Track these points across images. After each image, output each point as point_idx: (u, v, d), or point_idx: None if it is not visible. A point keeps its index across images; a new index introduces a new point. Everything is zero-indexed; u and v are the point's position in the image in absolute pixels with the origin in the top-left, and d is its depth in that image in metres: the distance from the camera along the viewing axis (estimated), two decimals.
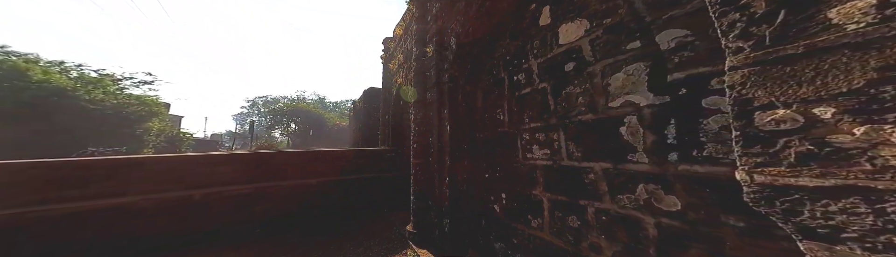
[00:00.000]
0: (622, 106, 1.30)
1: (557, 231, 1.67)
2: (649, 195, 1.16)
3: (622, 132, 1.29)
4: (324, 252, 3.22)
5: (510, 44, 2.27)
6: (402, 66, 5.46)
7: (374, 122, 10.37)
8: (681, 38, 1.00)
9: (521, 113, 2.11)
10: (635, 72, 1.23)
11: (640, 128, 1.21)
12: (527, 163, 1.99)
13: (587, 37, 1.52)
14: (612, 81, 1.35)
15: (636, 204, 1.22)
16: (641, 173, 1.20)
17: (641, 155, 1.19)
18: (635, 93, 1.23)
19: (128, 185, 3.27)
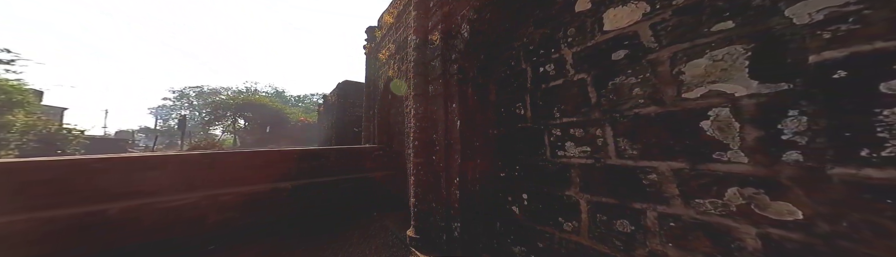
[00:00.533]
0: (704, 97, 1.09)
1: (600, 235, 1.47)
2: (747, 200, 0.97)
3: (704, 127, 1.08)
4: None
5: (534, 32, 2.00)
6: (393, 57, 4.94)
7: (351, 118, 9.61)
8: (836, 7, 0.80)
9: (548, 107, 1.87)
10: (727, 57, 1.02)
11: (735, 123, 1.00)
12: (557, 162, 1.76)
13: (646, 21, 1.29)
14: (688, 69, 1.14)
15: (725, 211, 1.02)
16: (735, 175, 0.99)
17: (736, 153, 0.99)
18: (727, 82, 1.02)
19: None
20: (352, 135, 9.56)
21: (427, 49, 3.20)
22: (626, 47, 1.36)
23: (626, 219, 1.32)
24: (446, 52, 2.75)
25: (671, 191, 1.16)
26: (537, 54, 1.95)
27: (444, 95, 2.73)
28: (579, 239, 1.55)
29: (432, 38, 2.98)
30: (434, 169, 2.82)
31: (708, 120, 1.06)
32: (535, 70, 1.94)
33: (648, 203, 1.24)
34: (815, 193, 0.81)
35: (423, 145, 3.00)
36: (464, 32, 2.41)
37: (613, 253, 1.36)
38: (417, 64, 3.20)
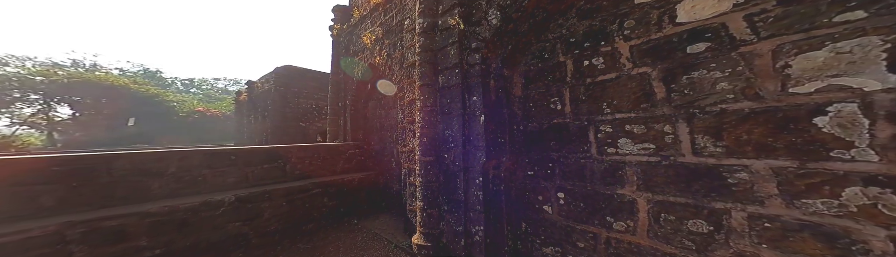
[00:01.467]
0: (820, 91, 0.96)
1: (665, 235, 1.31)
2: (872, 200, 0.87)
3: (820, 123, 0.96)
4: None
5: (578, 23, 1.76)
6: (380, 42, 4.24)
7: (296, 111, 8.14)
8: None
9: (594, 102, 1.65)
10: (857, 49, 0.91)
11: (864, 119, 0.89)
12: (606, 159, 1.57)
13: (739, 12, 1.13)
14: (798, 63, 1.01)
15: (843, 212, 0.92)
16: (859, 174, 0.88)
17: (863, 151, 0.87)
18: (855, 76, 0.91)
19: None
20: (296, 131, 8.06)
21: (437, 35, 2.73)
22: (707, 40, 1.20)
23: (701, 219, 1.19)
24: (465, 40, 2.36)
25: (767, 191, 1.04)
26: (580, 47, 1.73)
27: (461, 87, 2.35)
28: (635, 239, 1.39)
29: (448, 23, 2.55)
30: (448, 168, 2.44)
31: (826, 116, 0.94)
32: (578, 63, 1.72)
33: (734, 203, 1.11)
34: None
35: (433, 142, 2.57)
36: (492, 19, 2.07)
37: (682, 254, 1.23)
38: (425, 51, 2.71)
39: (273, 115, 7.69)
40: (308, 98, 8.45)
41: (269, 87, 8.09)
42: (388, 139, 4.64)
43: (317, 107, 8.64)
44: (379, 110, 5.09)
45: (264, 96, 8.39)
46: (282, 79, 7.84)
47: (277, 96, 7.74)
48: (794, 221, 0.97)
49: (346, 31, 5.30)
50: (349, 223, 3.60)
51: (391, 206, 4.22)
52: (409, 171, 3.09)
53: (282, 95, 7.79)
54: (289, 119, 7.91)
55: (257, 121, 8.69)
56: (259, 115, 8.64)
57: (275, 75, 7.90)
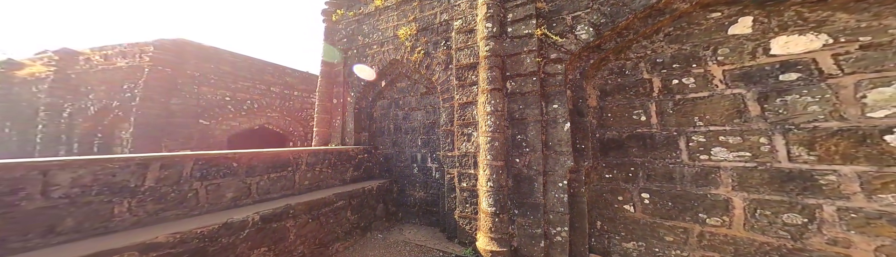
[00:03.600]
0: (888, 117, 1.33)
1: (761, 227, 1.62)
2: None
3: (888, 139, 1.34)
4: None
5: (666, 46, 2.05)
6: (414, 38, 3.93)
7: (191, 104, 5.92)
8: None
9: (684, 115, 1.93)
10: None
11: None
12: (697, 165, 1.84)
13: (827, 51, 1.51)
14: (872, 94, 1.39)
15: None
16: None
17: None
18: None
19: None
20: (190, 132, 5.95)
21: (505, 41, 2.86)
22: (798, 71, 1.57)
23: (795, 213, 1.53)
24: (544, 50, 2.54)
25: (852, 189, 1.40)
26: (668, 67, 2.02)
27: (538, 94, 2.49)
28: (730, 232, 1.70)
29: (521, 31, 2.66)
30: (521, 172, 2.51)
31: (893, 134, 1.34)
32: (666, 81, 2.01)
33: (825, 199, 1.47)
34: None
35: (503, 146, 2.63)
36: (581, 34, 2.27)
37: (778, 242, 1.56)
38: (493, 55, 2.77)
39: (143, 107, 5.44)
40: (217, 86, 6.52)
41: (128, 64, 5.72)
42: (409, 143, 4.43)
43: (232, 99, 6.80)
44: (393, 110, 4.72)
45: (107, 77, 5.76)
46: (166, 57, 5.67)
47: (156, 79, 5.55)
48: (874, 211, 1.35)
49: (350, 18, 4.82)
50: (375, 239, 3.24)
51: (410, 216, 4.04)
52: (460, 176, 3.10)
53: (165, 79, 5.66)
54: (177, 114, 5.82)
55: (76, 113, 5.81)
56: (87, 105, 5.78)
57: (154, 49, 5.60)
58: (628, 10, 1.93)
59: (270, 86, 8.03)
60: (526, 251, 2.31)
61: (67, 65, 6.11)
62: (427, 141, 3.98)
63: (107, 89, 5.85)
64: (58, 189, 1.46)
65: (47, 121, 5.77)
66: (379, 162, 4.35)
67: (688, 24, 1.91)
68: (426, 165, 3.94)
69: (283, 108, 8.30)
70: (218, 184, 2.24)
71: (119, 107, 5.72)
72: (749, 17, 1.70)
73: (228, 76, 6.81)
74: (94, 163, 1.60)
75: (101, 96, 5.84)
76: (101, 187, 1.59)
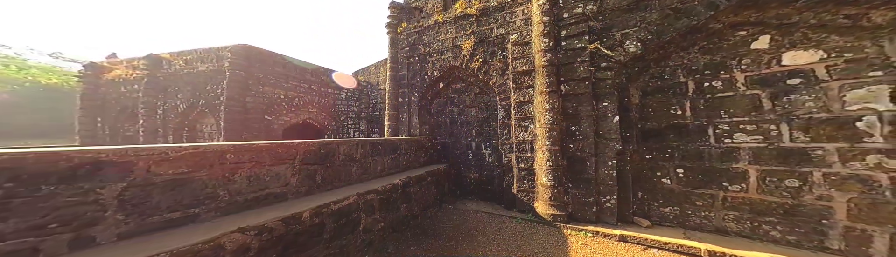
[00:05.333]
0: (860, 110, 1.99)
1: (769, 191, 2.27)
2: (879, 161, 1.89)
3: (859, 125, 1.98)
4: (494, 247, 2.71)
5: (699, 57, 2.69)
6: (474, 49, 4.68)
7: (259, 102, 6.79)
8: None
9: (712, 110, 2.58)
10: (878, 90, 1.92)
11: (878, 123, 1.91)
12: (722, 146, 2.50)
13: (822, 63, 2.14)
14: (850, 94, 2.03)
15: (867, 167, 1.93)
16: (874, 149, 1.90)
17: (877, 138, 1.89)
18: (874, 103, 1.93)
19: None
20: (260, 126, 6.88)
21: (559, 52, 3.57)
22: (801, 77, 2.20)
23: (795, 179, 2.17)
24: (595, 60, 3.22)
25: (832, 159, 2.04)
26: (700, 73, 2.67)
27: (590, 95, 3.20)
28: (746, 195, 2.35)
29: (575, 45, 3.34)
30: (574, 155, 3.22)
31: (862, 121, 1.96)
32: (699, 84, 2.66)
33: (814, 167, 2.11)
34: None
35: (560, 135, 3.39)
36: (629, 47, 2.93)
37: (781, 200, 2.21)
38: (550, 64, 3.52)
39: (228, 106, 6.37)
40: (274, 86, 7.41)
41: (210, 68, 6.68)
42: (464, 134, 5.26)
43: (285, 97, 7.71)
44: (449, 107, 5.61)
45: (192, 79, 6.79)
46: (239, 61, 6.51)
47: (235, 81, 6.42)
48: (847, 174, 1.99)
49: (411, 30, 5.73)
50: (448, 209, 4.18)
51: (467, 193, 4.88)
52: (518, 159, 3.85)
53: (241, 80, 6.53)
54: (251, 111, 6.73)
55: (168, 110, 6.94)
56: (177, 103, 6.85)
57: (230, 54, 6.46)
58: (672, 29, 2.59)
59: (311, 85, 8.96)
60: (579, 214, 3.05)
61: (155, 68, 7.26)
62: (481, 132, 4.76)
63: (192, 89, 6.96)
64: (341, 155, 2.52)
65: (146, 116, 6.95)
66: (438, 149, 5.24)
67: (719, 40, 2.55)
68: (480, 152, 4.73)
69: (321, 104, 9.25)
70: (375, 160, 3.25)
71: (204, 105, 6.82)
72: (767, 36, 2.33)
73: (281, 77, 7.86)
74: (346, 142, 2.68)
75: (187, 96, 6.96)
76: (345, 157, 2.61)
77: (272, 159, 1.92)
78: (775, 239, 2.22)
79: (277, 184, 1.95)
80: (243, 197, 1.73)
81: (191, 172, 1.49)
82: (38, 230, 1.05)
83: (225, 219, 1.54)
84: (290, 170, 2.04)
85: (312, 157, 2.23)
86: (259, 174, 1.82)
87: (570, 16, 3.36)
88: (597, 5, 3.14)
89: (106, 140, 7.77)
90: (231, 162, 1.66)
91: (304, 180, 2.14)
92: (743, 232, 2.34)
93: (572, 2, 3.37)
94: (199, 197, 1.51)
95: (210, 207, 1.56)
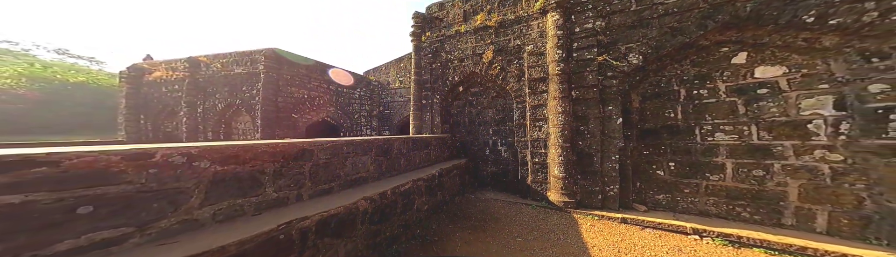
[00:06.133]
0: (811, 115, 2.54)
1: (740, 180, 2.86)
2: (822, 154, 2.46)
3: (809, 127, 2.54)
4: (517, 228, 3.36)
5: (690, 69, 3.26)
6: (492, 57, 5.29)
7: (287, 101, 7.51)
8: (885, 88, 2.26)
9: (698, 113, 3.17)
10: (824, 99, 2.48)
11: (823, 125, 2.47)
12: (706, 143, 3.09)
13: (784, 77, 2.69)
14: (804, 102, 2.58)
15: (813, 159, 2.50)
16: (820, 145, 2.47)
17: (822, 137, 2.46)
18: (821, 109, 2.49)
19: None
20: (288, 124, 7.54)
21: (571, 62, 4.15)
22: (767, 87, 2.76)
23: (760, 169, 2.75)
24: (602, 69, 3.79)
25: (788, 154, 2.61)
26: (691, 82, 3.24)
27: (598, 100, 3.79)
28: (723, 183, 2.94)
29: (585, 56, 3.91)
30: (583, 151, 3.85)
31: (811, 123, 2.52)
32: (689, 91, 3.23)
33: (774, 160, 2.68)
34: (846, 149, 2.33)
35: (571, 134, 4.00)
36: (632, 59, 3.50)
37: (750, 187, 2.79)
38: (563, 73, 4.11)
39: (264, 106, 7.10)
40: (299, 87, 8.15)
41: (245, 71, 7.41)
42: (482, 132, 5.91)
43: (308, 97, 8.43)
44: (468, 108, 6.26)
45: (229, 80, 7.50)
46: (271, 64, 7.17)
47: (268, 82, 7.15)
48: (798, 165, 2.56)
49: (434, 38, 6.35)
50: (470, 198, 4.87)
51: (484, 184, 5.52)
52: (532, 154, 4.46)
53: (273, 82, 7.23)
54: (282, 110, 7.43)
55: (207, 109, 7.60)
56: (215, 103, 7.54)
57: (264, 57, 7.18)
58: (669, 45, 3.15)
59: (329, 85, 9.61)
60: (587, 202, 3.66)
61: (195, 70, 7.99)
62: (497, 131, 5.37)
63: (229, 90, 7.68)
64: (395, 149, 3.13)
65: (188, 115, 7.70)
66: (457, 146, 5.90)
67: (706, 55, 3.11)
68: (497, 148, 5.34)
69: (337, 103, 9.92)
70: (415, 153, 3.91)
71: (240, 105, 7.54)
72: (745, 53, 2.88)
73: (305, 78, 8.57)
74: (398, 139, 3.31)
75: (225, 96, 7.68)
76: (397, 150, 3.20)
77: (361, 151, 2.61)
78: (745, 219, 2.81)
79: (364, 169, 2.64)
80: (350, 178, 2.44)
81: (331, 158, 2.22)
82: (289, 189, 1.86)
83: (345, 192, 2.26)
84: (369, 160, 2.72)
85: (379, 150, 2.88)
86: (356, 162, 2.50)
87: (581, 30, 3.93)
88: (605, 22, 3.70)
89: (148, 136, 8.56)
90: (345, 152, 2.35)
91: (376, 168, 2.82)
92: (720, 214, 2.93)
93: (583, 18, 3.94)
94: (333, 175, 2.24)
95: (337, 183, 2.28)
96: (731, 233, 2.59)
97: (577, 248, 2.88)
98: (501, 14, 5.21)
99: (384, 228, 2.36)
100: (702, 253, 2.54)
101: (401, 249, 2.60)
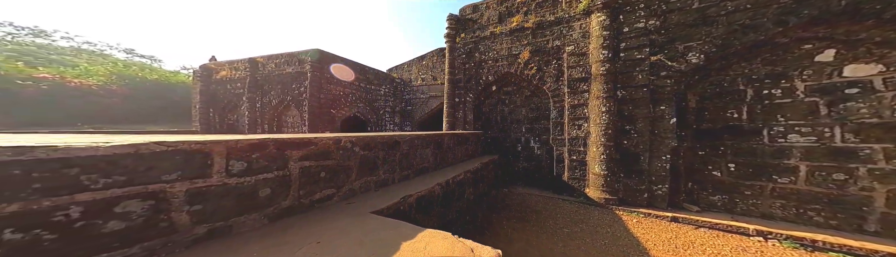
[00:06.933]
0: None
1: (816, 183, 2.57)
2: None
3: None
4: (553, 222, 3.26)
5: (761, 67, 2.94)
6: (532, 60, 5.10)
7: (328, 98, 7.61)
8: None
9: (768, 114, 2.86)
10: None
11: None
12: (775, 145, 2.79)
13: (879, 75, 2.35)
14: None
15: None
16: None
17: None
18: None
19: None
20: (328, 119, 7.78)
21: (617, 62, 3.89)
22: (858, 87, 2.42)
23: (841, 173, 2.44)
24: (654, 69, 3.52)
25: (878, 157, 2.30)
26: (761, 81, 2.92)
27: (648, 100, 3.52)
28: (795, 187, 2.65)
29: (634, 56, 3.65)
30: (628, 150, 3.59)
31: None
32: (758, 91, 2.92)
33: (860, 164, 2.37)
34: None
35: (615, 133, 3.78)
36: (691, 59, 3.21)
37: (827, 191, 2.49)
38: (609, 73, 3.87)
39: (310, 102, 7.45)
40: (337, 84, 8.36)
41: (294, 70, 7.76)
42: (514, 129, 5.77)
43: (343, 94, 8.61)
44: (500, 106, 6.12)
45: (281, 79, 7.84)
46: (317, 64, 7.50)
47: (314, 81, 7.44)
48: (889, 170, 2.23)
49: (468, 39, 6.20)
50: (504, 192, 4.82)
51: (515, 180, 5.40)
52: (570, 152, 4.27)
53: (318, 80, 7.53)
54: (324, 106, 7.71)
55: (264, 104, 7.99)
56: (270, 99, 7.91)
57: (311, 59, 7.56)
58: (738, 43, 2.85)
59: (360, 83, 9.69)
60: (630, 199, 3.46)
61: (254, 70, 8.38)
62: (531, 128, 5.20)
63: (281, 88, 8.03)
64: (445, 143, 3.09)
65: (249, 110, 8.15)
66: (488, 142, 5.80)
67: (783, 52, 2.78)
68: (530, 145, 5.19)
69: (366, 100, 10.01)
70: (457, 148, 3.93)
71: (290, 101, 7.86)
72: (833, 50, 2.54)
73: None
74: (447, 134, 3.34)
75: (278, 93, 8.04)
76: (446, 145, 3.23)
77: (425, 144, 2.67)
78: (817, 224, 2.52)
79: (426, 160, 2.69)
80: (418, 167, 2.52)
81: (410, 149, 2.33)
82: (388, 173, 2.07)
83: (417, 179, 2.34)
84: (430, 152, 2.76)
85: (435, 144, 2.88)
86: (422, 154, 2.59)
87: (631, 30, 3.65)
88: (660, 20, 3.41)
89: (216, 127, 9.17)
90: (416, 144, 2.44)
91: (434, 159, 2.87)
92: (788, 218, 2.66)
93: (633, 17, 3.66)
94: (409, 163, 2.34)
95: (412, 170, 2.38)
96: (802, 236, 2.34)
97: (628, 241, 2.75)
98: (539, 15, 4.96)
99: (447, 212, 2.46)
100: (769, 254, 2.33)
101: (461, 230, 2.62)
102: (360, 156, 1.78)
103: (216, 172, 1.02)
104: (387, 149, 2.04)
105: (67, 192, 0.71)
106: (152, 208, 0.86)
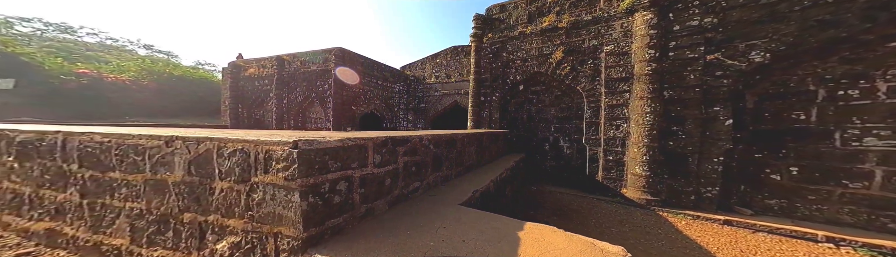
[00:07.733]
0: None
1: (893, 189, 2.30)
2: None
3: None
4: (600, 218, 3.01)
5: (837, 67, 2.61)
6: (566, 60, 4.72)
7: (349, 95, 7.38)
8: None
9: (842, 116, 2.55)
10: None
11: None
12: (846, 149, 2.50)
13: None
14: None
15: None
16: None
17: None
18: None
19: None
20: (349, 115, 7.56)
21: (665, 62, 3.56)
22: None
23: None
24: (709, 69, 3.19)
25: None
26: (835, 81, 2.60)
27: (700, 101, 3.19)
28: (868, 192, 2.38)
29: (686, 55, 3.31)
30: (674, 151, 3.27)
31: None
32: (831, 92, 2.61)
33: None
34: None
35: (660, 134, 3.47)
36: (755, 58, 2.88)
37: None
38: (654, 73, 3.53)
39: (334, 99, 7.32)
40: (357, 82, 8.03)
41: (318, 68, 7.59)
42: (542, 129, 5.47)
43: (363, 91, 8.46)
44: (527, 106, 5.81)
45: (306, 76, 7.67)
46: (340, 62, 7.36)
47: (338, 79, 7.31)
48: None
49: (495, 39, 5.83)
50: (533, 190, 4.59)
51: (542, 178, 5.15)
52: (606, 152, 3.99)
53: (339, 78, 7.30)
54: (346, 103, 7.59)
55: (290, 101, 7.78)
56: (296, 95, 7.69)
57: (334, 56, 7.41)
58: (813, 40, 2.52)
59: (377, 80, 9.37)
60: (674, 201, 3.22)
61: (281, 68, 8.10)
62: (560, 128, 4.92)
63: (306, 85, 7.78)
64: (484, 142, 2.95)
65: (276, 106, 7.92)
66: (514, 141, 5.52)
67: (865, 51, 2.45)
68: (559, 145, 4.91)
69: (382, 97, 9.72)
70: (491, 146, 3.68)
71: (314, 98, 7.63)
72: None
73: (361, 74, 8.45)
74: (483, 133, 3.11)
75: (303, 90, 7.81)
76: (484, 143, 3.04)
77: (470, 142, 2.49)
78: (892, 231, 2.25)
79: (471, 158, 2.53)
80: (467, 164, 2.39)
81: (462, 147, 2.18)
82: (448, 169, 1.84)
83: (468, 175, 2.25)
84: (474, 150, 2.59)
85: (477, 143, 2.67)
86: (470, 151, 2.44)
87: (682, 28, 3.33)
88: (718, 18, 3.07)
89: (245, 122, 8.97)
90: (465, 142, 2.28)
91: (477, 157, 2.73)
92: (858, 224, 2.40)
93: (686, 15, 3.32)
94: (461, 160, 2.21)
95: (462, 167, 2.27)
96: (881, 244, 2.08)
97: (686, 243, 2.51)
98: (574, 15, 4.58)
99: (494, 207, 2.28)
100: None
101: None
102: (433, 152, 1.77)
103: (370, 163, 1.14)
104: (448, 146, 2.00)
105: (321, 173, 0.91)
106: (346, 189, 1.02)
